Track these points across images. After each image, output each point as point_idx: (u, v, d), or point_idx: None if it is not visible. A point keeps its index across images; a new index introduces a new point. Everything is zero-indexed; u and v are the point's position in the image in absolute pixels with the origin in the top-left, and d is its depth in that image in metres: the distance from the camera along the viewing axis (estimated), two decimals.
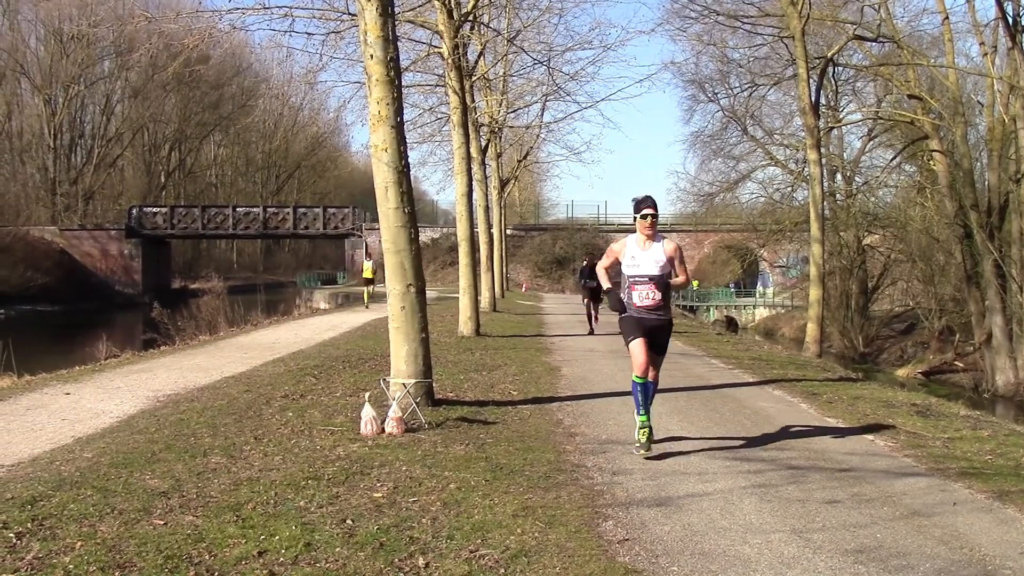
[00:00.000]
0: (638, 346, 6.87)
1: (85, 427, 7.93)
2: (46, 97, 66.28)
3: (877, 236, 38.60)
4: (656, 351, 7.06)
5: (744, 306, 52.87)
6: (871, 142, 39.05)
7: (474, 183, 21.41)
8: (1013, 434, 8.77)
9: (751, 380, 12.12)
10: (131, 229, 60.87)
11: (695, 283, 48.73)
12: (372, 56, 8.00)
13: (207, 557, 4.45)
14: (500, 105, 27.78)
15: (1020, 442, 8.14)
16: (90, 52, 66.47)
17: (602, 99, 57.37)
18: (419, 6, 17.85)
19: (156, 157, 79.55)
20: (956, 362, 29.48)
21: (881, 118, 34.09)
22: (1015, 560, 4.74)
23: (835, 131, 37.92)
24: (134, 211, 62.70)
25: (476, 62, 22.26)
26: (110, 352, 16.64)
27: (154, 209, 64.74)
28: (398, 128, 8.19)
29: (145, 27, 15.21)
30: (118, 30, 57.06)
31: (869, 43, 27.58)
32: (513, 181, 40.00)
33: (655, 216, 6.88)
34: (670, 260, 6.88)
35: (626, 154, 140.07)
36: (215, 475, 6.04)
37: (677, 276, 6.96)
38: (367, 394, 7.94)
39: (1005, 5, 23.82)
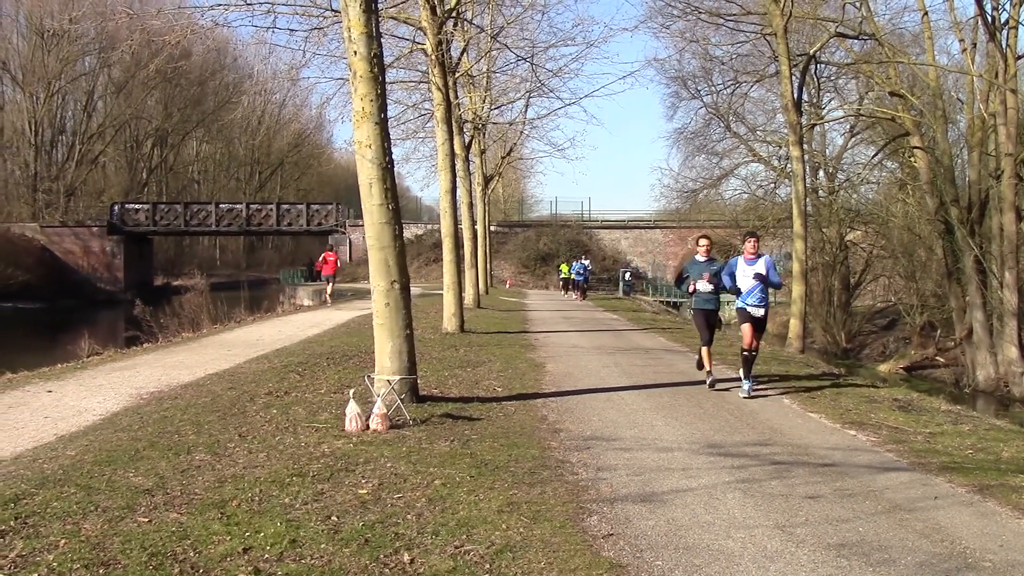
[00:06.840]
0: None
1: (68, 425, 7.89)
2: (28, 93, 65.62)
3: (859, 232, 38.70)
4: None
5: (728, 302, 52.88)
6: (853, 139, 39.14)
7: (458, 179, 21.42)
8: (993, 429, 8.87)
9: (734, 376, 12.17)
10: (113, 226, 60.31)
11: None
12: (356, 53, 7.98)
13: (192, 554, 4.44)
14: (484, 101, 27.75)
15: (1001, 437, 8.23)
16: (72, 48, 65.82)
17: (585, 95, 57.84)
18: (402, 2, 17.81)
19: (138, 154, 78.69)
20: (937, 357, 29.62)
21: (863, 115, 34.18)
22: (995, 553, 4.80)
23: (817, 128, 38.01)
24: (116, 208, 62.11)
25: (459, 59, 22.23)
26: (92, 349, 16.50)
27: (136, 206, 64.16)
28: (382, 125, 8.18)
29: (127, 23, 15.07)
30: (100, 26, 56.51)
31: (851, 40, 27.66)
32: (497, 177, 39.99)
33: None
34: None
35: (610, 150, 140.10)
36: (199, 472, 6.02)
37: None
38: (352, 391, 7.93)
39: (984, 3, 23.95)
